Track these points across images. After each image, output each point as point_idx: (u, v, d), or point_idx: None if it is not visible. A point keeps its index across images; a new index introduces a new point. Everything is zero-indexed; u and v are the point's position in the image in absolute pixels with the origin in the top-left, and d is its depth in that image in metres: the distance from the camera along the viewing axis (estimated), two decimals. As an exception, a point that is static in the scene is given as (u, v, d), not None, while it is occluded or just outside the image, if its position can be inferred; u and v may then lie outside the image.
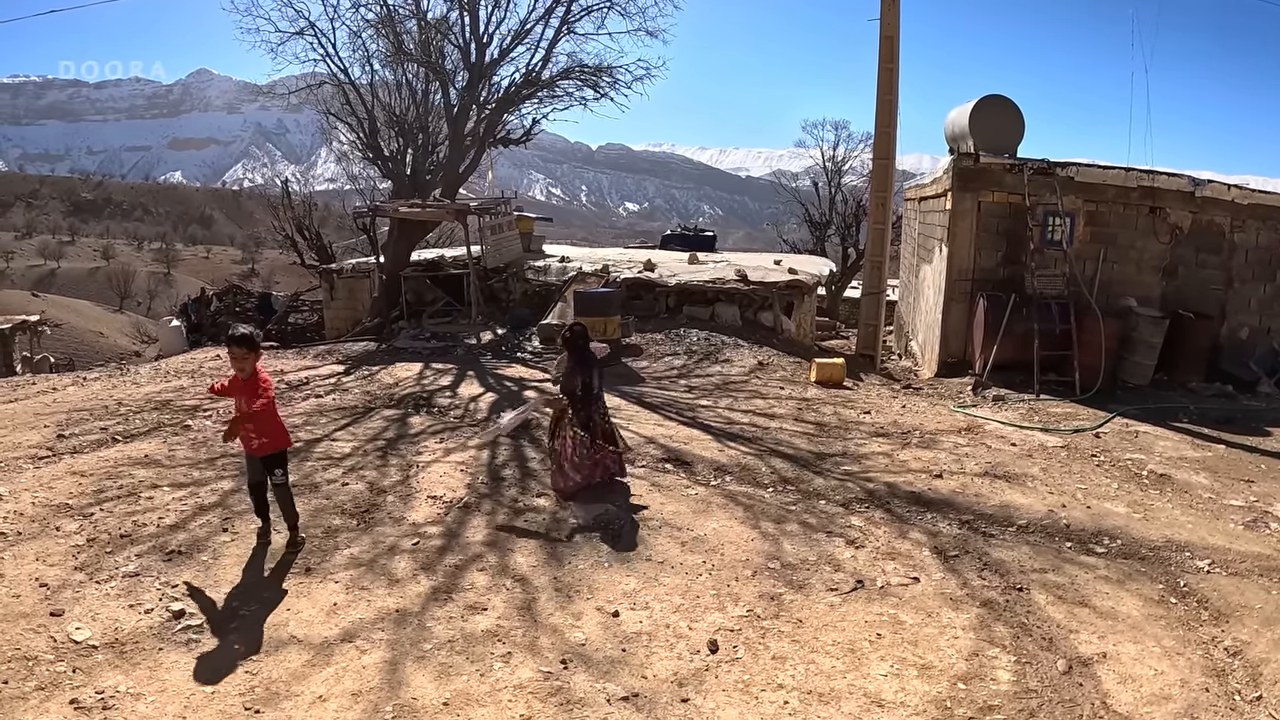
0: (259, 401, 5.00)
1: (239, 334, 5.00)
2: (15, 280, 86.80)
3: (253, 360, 5.00)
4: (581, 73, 16.14)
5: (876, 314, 13.11)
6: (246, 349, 4.95)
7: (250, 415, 4.91)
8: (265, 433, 5.05)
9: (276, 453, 5.14)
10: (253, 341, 4.99)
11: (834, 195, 30.98)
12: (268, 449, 5.09)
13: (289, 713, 3.52)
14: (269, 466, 5.13)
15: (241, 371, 5.00)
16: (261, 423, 5.01)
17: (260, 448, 5.08)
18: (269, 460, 5.12)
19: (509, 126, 17.04)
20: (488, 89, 16.17)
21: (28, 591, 4.63)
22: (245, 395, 5.00)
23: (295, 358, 13.28)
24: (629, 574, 4.90)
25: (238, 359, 4.98)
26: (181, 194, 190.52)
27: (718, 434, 7.91)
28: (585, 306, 11.32)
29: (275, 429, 5.12)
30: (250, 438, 5.05)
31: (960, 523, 5.71)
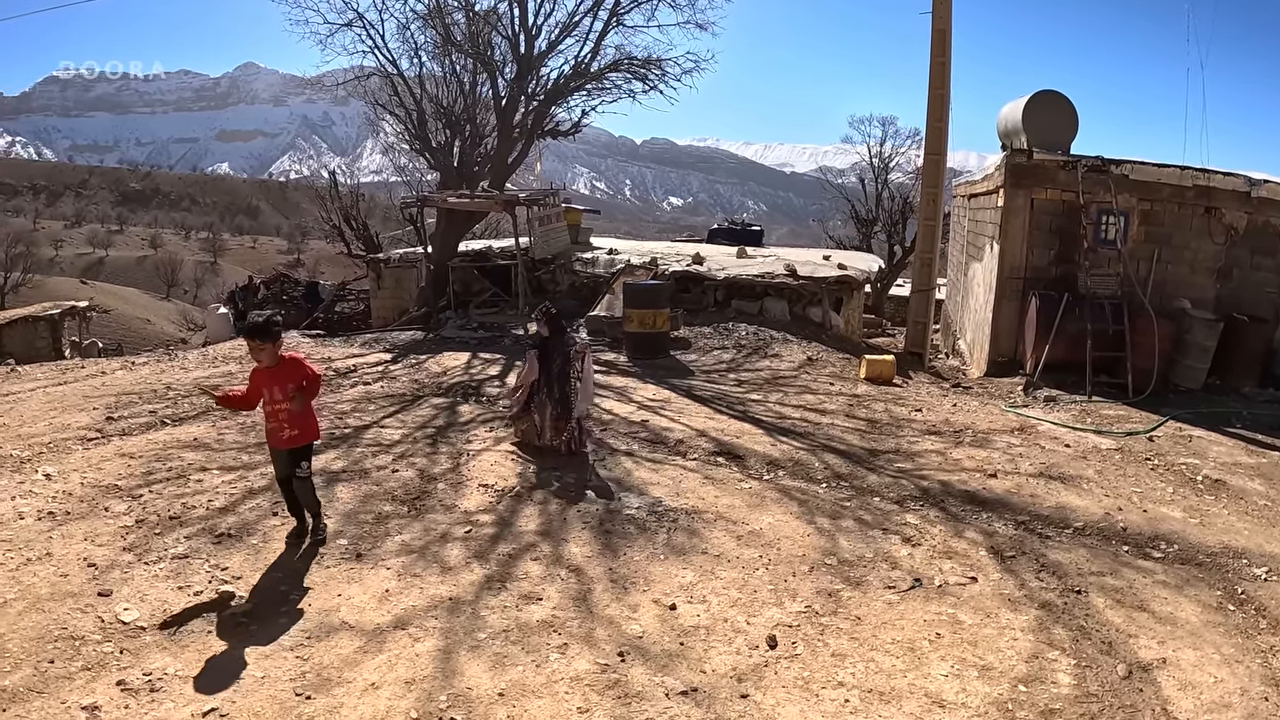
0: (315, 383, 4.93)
1: (255, 323, 4.82)
2: (65, 268, 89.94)
3: (272, 350, 4.80)
4: (630, 65, 16.18)
5: (926, 311, 13.08)
6: (263, 339, 4.76)
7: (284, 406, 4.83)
8: (298, 424, 4.93)
9: (305, 445, 5.02)
10: (269, 330, 4.80)
11: (880, 192, 30.91)
12: (298, 441, 4.96)
13: (340, 699, 3.47)
14: (295, 459, 4.99)
15: (261, 361, 4.85)
16: (295, 417, 4.90)
17: (291, 440, 4.94)
18: (296, 453, 4.98)
19: (557, 119, 17.14)
20: (536, 81, 16.28)
21: (75, 571, 4.68)
22: (278, 384, 4.84)
23: (342, 345, 13.48)
24: (685, 566, 4.81)
25: (256, 350, 4.80)
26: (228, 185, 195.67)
27: (769, 428, 7.85)
28: (634, 298, 11.28)
29: (309, 421, 5.00)
30: (282, 428, 4.92)
31: (1016, 523, 5.65)
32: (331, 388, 9.86)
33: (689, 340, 12.01)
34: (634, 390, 9.44)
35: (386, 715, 3.36)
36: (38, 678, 3.63)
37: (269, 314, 4.97)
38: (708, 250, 17.21)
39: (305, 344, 14.13)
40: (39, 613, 4.19)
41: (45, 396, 9.82)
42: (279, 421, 4.90)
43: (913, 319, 13.31)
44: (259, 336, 4.76)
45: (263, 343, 4.76)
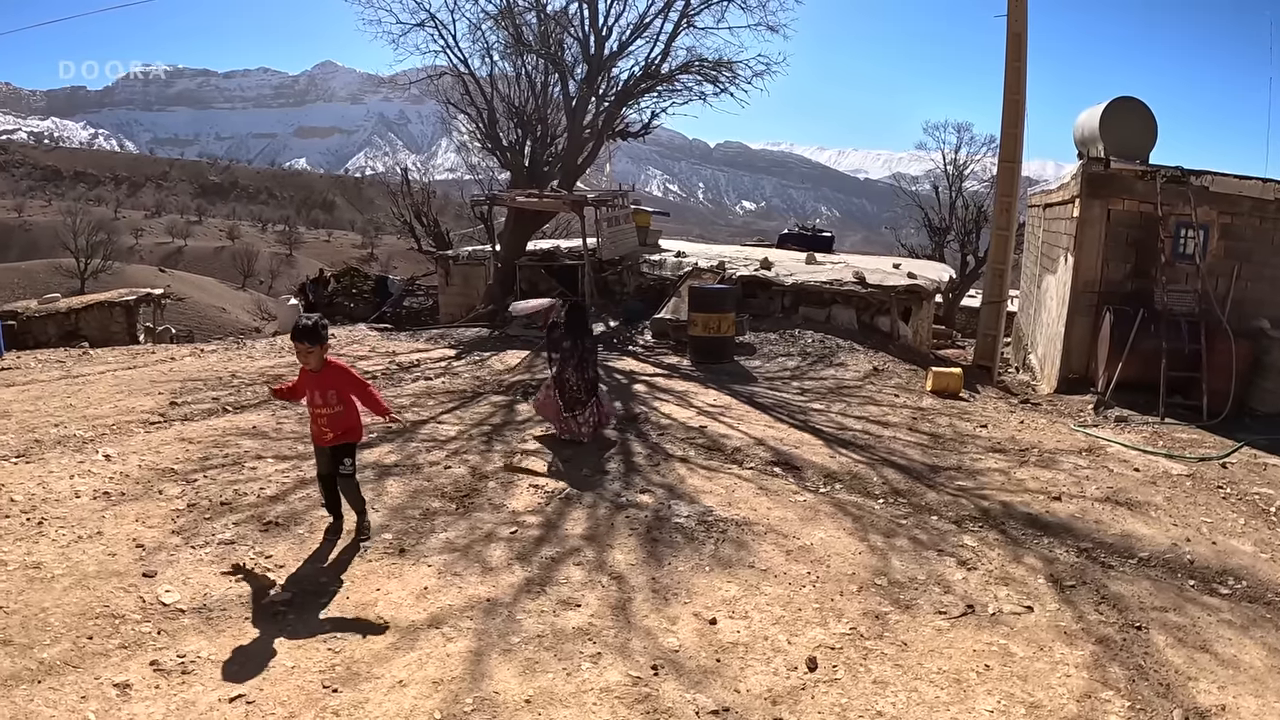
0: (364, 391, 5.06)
1: (303, 326, 4.86)
2: (144, 256, 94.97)
3: (319, 353, 4.88)
4: (701, 67, 16.34)
5: (996, 324, 12.95)
6: (311, 342, 4.83)
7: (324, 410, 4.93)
8: (339, 427, 5.01)
9: (348, 444, 5.09)
10: (318, 334, 4.86)
11: (954, 200, 31.03)
12: (341, 440, 5.04)
13: (367, 694, 3.48)
14: (338, 457, 5.05)
15: (308, 365, 4.93)
16: (338, 417, 4.98)
17: (334, 439, 5.02)
18: (338, 450, 5.05)
19: (627, 120, 17.33)
20: (606, 82, 16.52)
21: (124, 551, 4.85)
22: (319, 389, 4.93)
23: (408, 340, 13.82)
24: (730, 580, 4.71)
25: (303, 352, 4.87)
26: (305, 180, 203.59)
27: (829, 439, 7.74)
28: (700, 302, 11.26)
29: (352, 420, 5.06)
30: (324, 432, 5.00)
31: (1078, 550, 5.41)
32: (393, 381, 10.09)
33: (754, 346, 11.95)
34: (695, 395, 9.39)
35: (410, 714, 3.36)
36: (75, 652, 3.77)
37: (317, 317, 5.04)
38: (776, 255, 17.10)
39: (372, 337, 14.50)
40: (84, 589, 4.36)
41: (114, 380, 10.29)
42: (320, 425, 5.00)
43: (982, 331, 13.21)
44: (307, 339, 4.84)
45: (310, 345, 4.85)
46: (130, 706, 3.39)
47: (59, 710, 3.35)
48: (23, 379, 10.63)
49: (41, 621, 4.01)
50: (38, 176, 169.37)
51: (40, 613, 4.09)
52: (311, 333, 4.84)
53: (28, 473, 6.27)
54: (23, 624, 3.98)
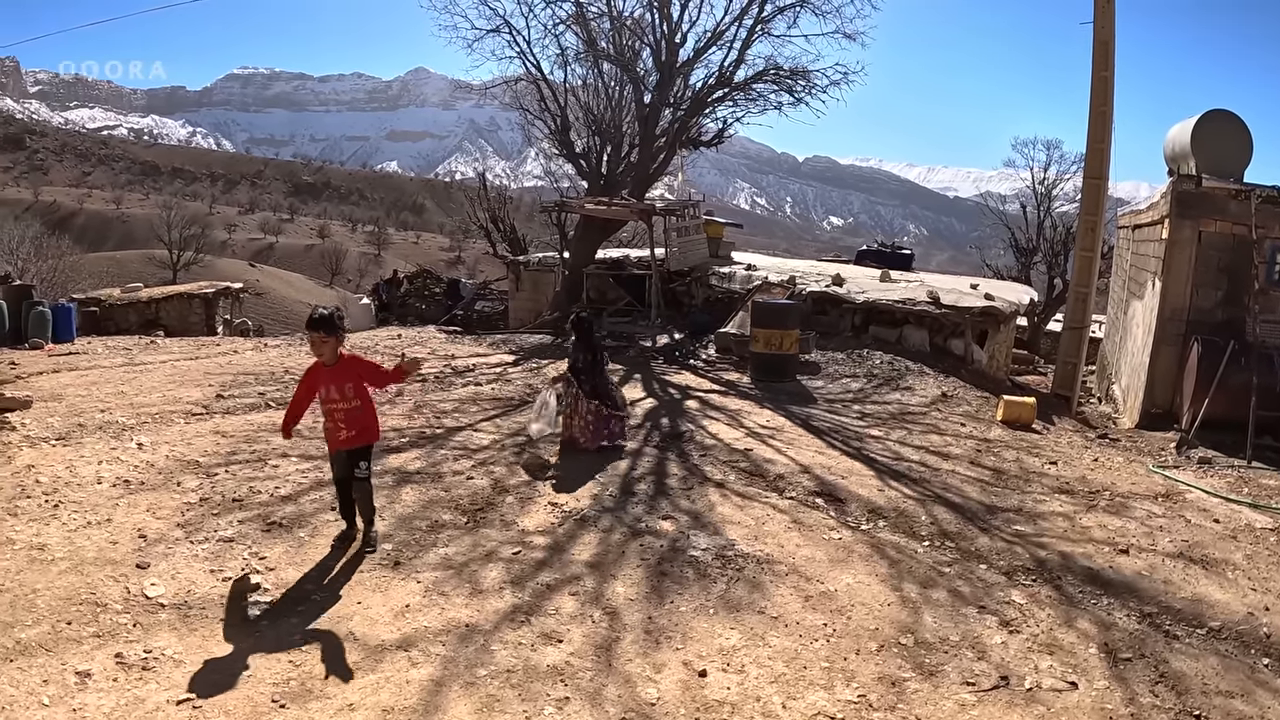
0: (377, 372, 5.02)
1: (320, 316, 4.88)
2: (236, 251, 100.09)
3: (334, 345, 4.87)
4: (776, 75, 16.32)
5: (1077, 351, 12.50)
6: (327, 332, 4.82)
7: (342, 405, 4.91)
8: (356, 424, 4.97)
9: (364, 446, 5.06)
10: (334, 325, 4.86)
11: (1042, 220, 30.47)
12: (356, 442, 5.00)
13: (314, 714, 3.42)
14: (354, 460, 5.02)
15: (321, 356, 4.91)
16: (355, 413, 4.95)
17: (348, 440, 4.99)
18: (355, 453, 5.02)
19: (703, 127, 17.34)
20: (682, 89, 16.57)
21: (125, 540, 4.97)
22: (334, 383, 4.91)
23: (471, 344, 14.02)
24: (733, 626, 4.41)
25: (318, 343, 4.86)
26: (396, 182, 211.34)
27: (881, 470, 7.35)
28: (763, 317, 11.04)
29: (368, 419, 5.03)
30: (339, 429, 4.98)
31: (1140, 615, 4.85)
32: (443, 385, 10.18)
33: (818, 365, 11.63)
34: (747, 415, 9.15)
35: None
36: (51, 636, 3.87)
37: (334, 308, 5.07)
38: (849, 272, 16.73)
39: (437, 339, 14.78)
40: (77, 574, 4.48)
41: (171, 369, 10.75)
42: (335, 421, 4.97)
43: (1063, 358, 12.81)
44: (323, 329, 4.83)
45: (326, 335, 4.84)
46: (83, 696, 3.44)
47: (19, 690, 3.44)
48: (86, 364, 11.21)
49: (29, 602, 4.14)
50: (136, 171, 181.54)
51: (30, 593, 4.22)
52: (327, 322, 4.84)
53: (60, 455, 6.55)
54: (11, 603, 4.12)
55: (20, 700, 3.37)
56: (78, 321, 15.43)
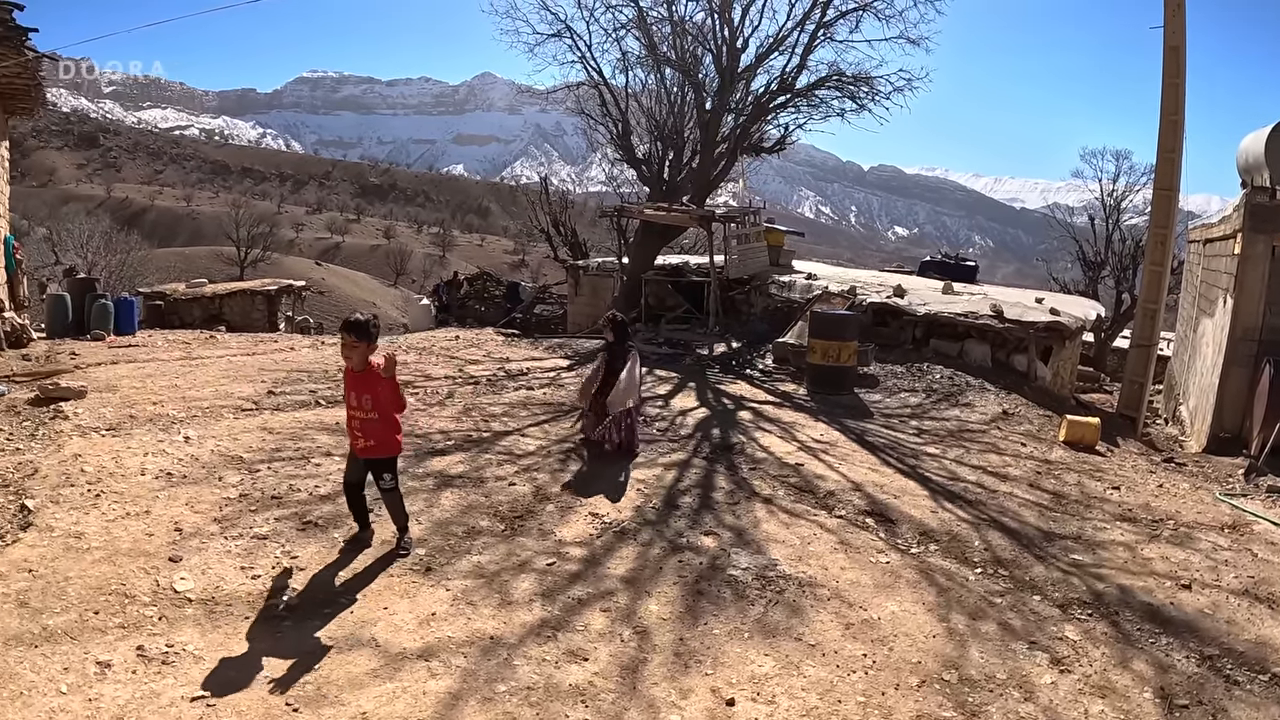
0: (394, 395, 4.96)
1: (354, 320, 4.90)
2: (303, 249, 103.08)
3: (363, 351, 4.86)
4: (839, 81, 16.22)
5: (1144, 370, 12.07)
6: (358, 337, 4.83)
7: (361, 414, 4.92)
8: (373, 435, 4.96)
9: (383, 459, 5.03)
10: (366, 330, 4.86)
11: (1111, 233, 30.01)
12: (373, 453, 4.99)
13: (324, 718, 3.39)
14: (374, 471, 5.02)
15: (350, 361, 4.91)
16: (370, 425, 4.93)
17: (365, 450, 4.99)
18: (374, 465, 5.01)
19: (764, 133, 17.23)
20: (744, 94, 16.58)
21: (161, 533, 5.04)
22: (354, 390, 4.93)
23: (527, 347, 14.08)
24: (768, 653, 4.25)
25: (348, 346, 4.86)
26: (461, 185, 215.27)
27: (935, 490, 7.10)
28: (820, 328, 10.84)
29: (386, 434, 4.99)
30: (356, 437, 4.99)
31: (1200, 657, 4.53)
32: (495, 389, 10.20)
33: (877, 378, 11.39)
34: (801, 428, 8.96)
35: None
36: (78, 624, 3.93)
37: (371, 316, 5.07)
38: (911, 283, 16.39)
39: (493, 341, 14.87)
40: (110, 565, 4.56)
41: (227, 365, 11.00)
42: (353, 428, 5.00)
43: (1129, 377, 12.37)
44: (354, 333, 4.84)
45: (356, 340, 4.84)
46: (101, 686, 3.48)
47: (39, 676, 3.50)
48: (144, 356, 11.55)
49: (60, 590, 4.22)
50: (207, 170, 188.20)
51: (62, 581, 4.31)
52: (360, 328, 4.85)
53: (108, 445, 6.72)
54: (44, 589, 4.21)
55: (39, 686, 3.42)
56: (142, 315, 15.97)
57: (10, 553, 4.60)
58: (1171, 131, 11.63)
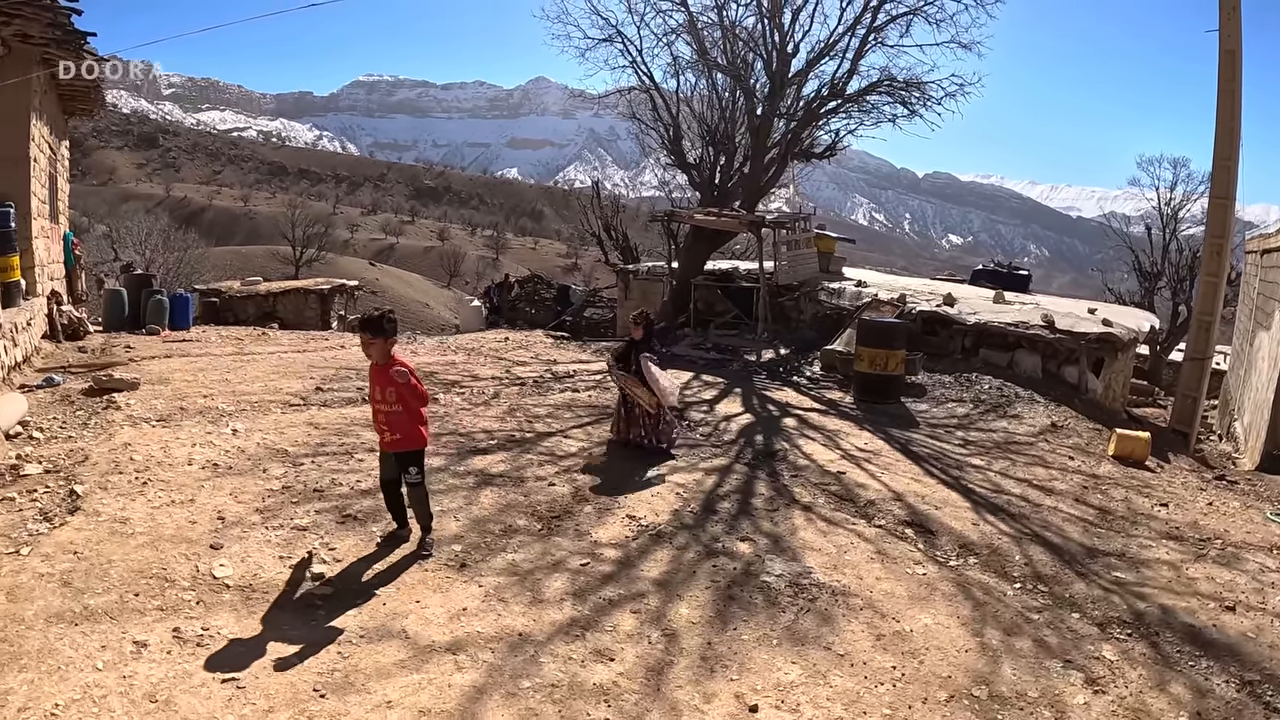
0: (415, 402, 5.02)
1: (367, 317, 4.99)
2: (357, 250, 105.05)
3: (380, 346, 4.94)
4: (890, 86, 16.12)
5: (1198, 384, 11.69)
6: (372, 334, 4.92)
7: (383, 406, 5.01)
8: (399, 428, 5.03)
9: (409, 451, 5.10)
10: (379, 325, 4.92)
11: (1168, 242, 29.35)
12: (399, 446, 5.07)
13: (350, 707, 3.46)
14: (402, 464, 5.10)
15: (370, 356, 5.01)
16: (395, 417, 5.01)
17: (391, 443, 5.07)
18: (402, 457, 5.09)
19: (815, 139, 17.23)
20: (795, 100, 16.56)
21: (204, 521, 5.21)
22: (379, 384, 5.02)
23: (575, 350, 14.21)
24: (796, 660, 4.22)
25: (365, 343, 4.97)
26: (515, 188, 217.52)
27: (978, 502, 7.00)
28: (868, 336, 10.78)
29: (410, 427, 5.05)
30: (382, 429, 5.07)
31: (1240, 683, 4.38)
32: (540, 390, 10.30)
33: (924, 387, 11.27)
34: (845, 436, 8.90)
35: None
36: (118, 605, 4.10)
37: (385, 311, 5.12)
38: (962, 291, 16.15)
39: (542, 344, 15.04)
40: (152, 549, 4.73)
41: (277, 361, 11.28)
42: (379, 421, 5.08)
43: (1182, 391, 12.02)
44: (368, 330, 4.95)
45: (372, 337, 4.93)
46: (136, 665, 3.62)
47: (77, 653, 3.65)
48: (198, 351, 11.91)
49: (103, 572, 4.40)
50: (264, 171, 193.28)
51: (106, 564, 4.49)
52: (373, 324, 4.94)
53: (157, 436, 6.96)
54: (87, 571, 4.39)
55: (76, 662, 3.57)
56: (197, 311, 16.48)
57: (57, 535, 4.81)
58: (1227, 139, 11.32)
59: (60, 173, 14.72)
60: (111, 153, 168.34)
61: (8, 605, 3.97)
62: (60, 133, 14.51)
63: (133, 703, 3.34)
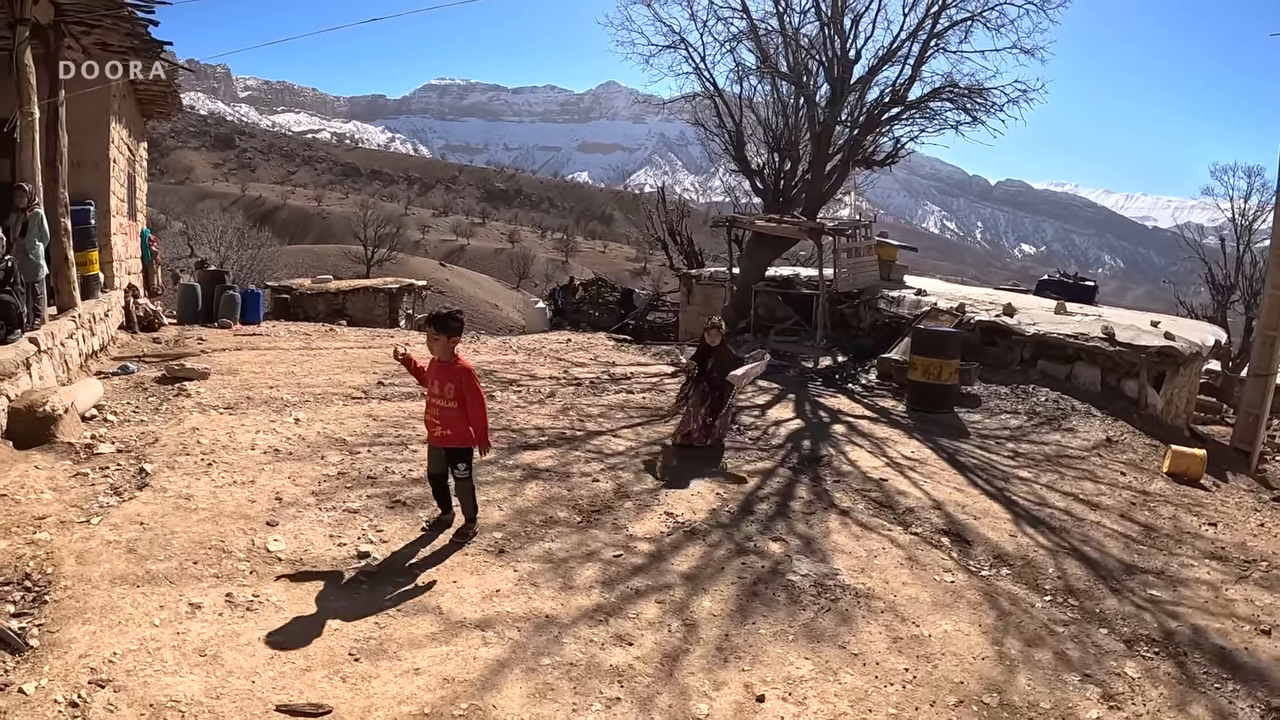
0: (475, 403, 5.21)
1: (437, 314, 5.21)
2: (429, 250, 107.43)
3: (444, 343, 5.17)
4: (952, 93, 16.07)
5: (1261, 401, 11.20)
6: (437, 330, 5.14)
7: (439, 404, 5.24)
8: (450, 425, 5.25)
9: (459, 449, 5.32)
10: (446, 324, 5.13)
11: (1242, 254, 28.27)
12: (449, 442, 5.30)
13: (380, 671, 3.76)
14: (451, 460, 5.35)
15: (434, 352, 5.25)
16: (449, 414, 5.23)
17: (442, 439, 5.31)
18: (451, 454, 5.33)
19: (879, 145, 17.32)
20: (859, 107, 16.63)
21: (263, 500, 5.62)
22: (439, 379, 5.25)
23: (636, 352, 14.51)
24: (808, 657, 4.36)
25: (431, 339, 5.21)
26: (585, 192, 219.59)
27: (1019, 514, 6.99)
28: (922, 345, 10.78)
29: (461, 425, 5.25)
30: (434, 424, 5.31)
31: (1267, 708, 4.34)
32: (596, 391, 10.58)
33: (979, 398, 11.20)
34: (893, 444, 8.95)
35: (405, 699, 3.58)
36: (177, 572, 4.50)
37: (453, 310, 5.38)
38: (1023, 302, 15.89)
39: (604, 346, 15.35)
40: (212, 524, 5.15)
41: (342, 356, 11.81)
42: (432, 415, 5.33)
43: (1245, 408, 11.55)
44: (435, 326, 5.21)
45: (437, 333, 5.20)
46: (189, 624, 4.00)
47: (137, 611, 4.05)
48: (266, 344, 12.54)
49: (165, 541, 4.83)
50: (337, 172, 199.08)
51: (169, 534, 4.92)
52: (441, 321, 5.20)
53: (224, 422, 7.45)
54: (151, 540, 4.83)
55: (135, 619, 3.97)
56: (268, 306, 17.28)
57: (126, 507, 5.27)
58: None
59: (139, 172, 15.63)
60: (189, 153, 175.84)
61: (76, 567, 4.40)
62: (139, 134, 15.41)
63: (184, 655, 3.70)
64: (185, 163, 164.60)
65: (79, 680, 3.43)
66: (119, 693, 3.38)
